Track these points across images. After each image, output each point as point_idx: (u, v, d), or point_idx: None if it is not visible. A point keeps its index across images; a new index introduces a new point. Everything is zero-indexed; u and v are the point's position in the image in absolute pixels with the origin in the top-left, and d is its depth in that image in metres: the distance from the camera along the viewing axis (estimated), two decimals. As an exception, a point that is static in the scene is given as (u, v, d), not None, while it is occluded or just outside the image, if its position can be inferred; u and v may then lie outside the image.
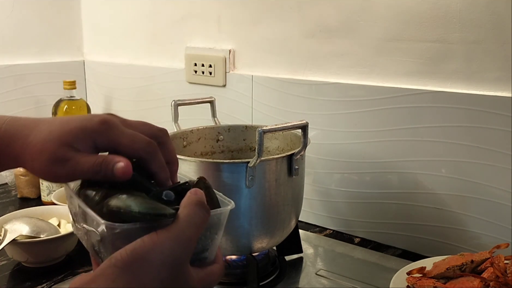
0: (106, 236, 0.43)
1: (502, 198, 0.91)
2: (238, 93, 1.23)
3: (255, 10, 1.19)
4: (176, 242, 0.42)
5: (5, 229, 0.94)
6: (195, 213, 0.44)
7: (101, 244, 0.45)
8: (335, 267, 0.96)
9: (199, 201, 0.45)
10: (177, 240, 0.42)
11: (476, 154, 0.92)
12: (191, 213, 0.44)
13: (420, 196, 1.00)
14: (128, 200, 0.44)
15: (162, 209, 0.44)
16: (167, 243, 0.42)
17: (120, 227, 0.43)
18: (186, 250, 0.43)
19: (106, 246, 0.44)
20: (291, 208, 0.89)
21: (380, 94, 1.01)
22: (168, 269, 0.42)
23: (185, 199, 0.45)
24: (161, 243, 0.42)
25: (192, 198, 0.45)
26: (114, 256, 0.41)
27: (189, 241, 0.43)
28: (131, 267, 0.41)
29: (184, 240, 0.42)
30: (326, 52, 1.09)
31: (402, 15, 0.98)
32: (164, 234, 0.42)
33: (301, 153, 0.86)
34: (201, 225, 0.44)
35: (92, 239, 0.46)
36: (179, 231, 0.42)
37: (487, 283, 0.74)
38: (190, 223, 0.43)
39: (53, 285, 0.91)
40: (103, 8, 1.54)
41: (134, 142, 0.48)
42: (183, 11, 1.33)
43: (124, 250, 0.41)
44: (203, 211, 0.44)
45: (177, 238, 0.42)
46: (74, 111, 1.40)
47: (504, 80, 0.89)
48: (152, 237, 0.42)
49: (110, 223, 0.43)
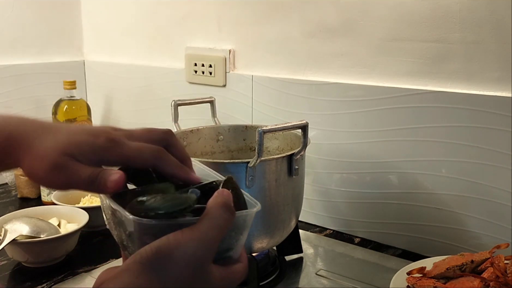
0: (134, 231, 0.45)
1: (502, 198, 0.91)
2: (238, 93, 1.23)
3: (255, 10, 1.19)
4: (199, 243, 0.43)
5: (5, 229, 0.94)
6: (220, 215, 0.45)
7: (129, 239, 0.46)
8: (335, 267, 0.96)
9: (225, 203, 0.45)
10: (200, 240, 0.43)
11: (476, 154, 0.92)
12: (216, 215, 0.45)
13: (420, 196, 1.00)
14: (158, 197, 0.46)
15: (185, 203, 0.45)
16: (191, 243, 0.43)
17: (147, 223, 0.44)
18: (209, 251, 0.44)
19: (133, 241, 0.46)
20: (291, 208, 0.89)
21: (380, 94, 1.01)
22: (190, 269, 0.43)
23: (212, 199, 0.46)
24: (185, 243, 0.42)
25: (218, 199, 0.46)
26: (140, 252, 0.42)
27: (212, 242, 0.44)
28: (155, 265, 0.42)
29: (208, 241, 0.43)
30: (326, 52, 1.09)
31: (402, 15, 0.98)
32: (189, 233, 0.43)
33: (301, 153, 0.86)
34: (226, 227, 0.45)
35: (120, 233, 0.48)
36: (203, 232, 0.43)
37: (487, 283, 0.74)
38: (215, 225, 0.44)
39: (53, 285, 0.90)
40: (103, 8, 1.54)
41: (141, 152, 0.49)
42: (183, 11, 1.33)
43: (149, 247, 0.42)
44: (228, 213, 0.45)
45: (201, 238, 0.43)
46: (74, 111, 1.40)
47: (504, 80, 0.89)
48: (177, 236, 0.43)
49: (138, 218, 0.44)
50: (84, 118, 1.42)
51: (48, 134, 0.50)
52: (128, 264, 0.42)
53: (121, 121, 1.53)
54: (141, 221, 0.44)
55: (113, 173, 0.47)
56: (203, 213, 0.45)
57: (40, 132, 0.51)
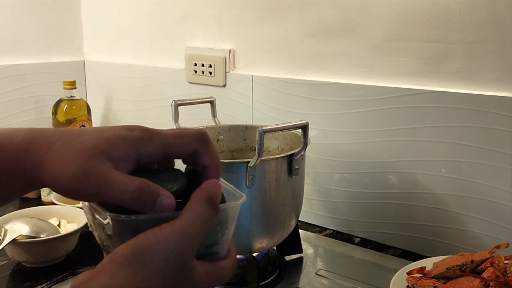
0: (112, 228, 0.43)
1: (502, 198, 0.91)
2: (238, 93, 1.23)
3: (255, 10, 1.19)
4: (180, 238, 0.41)
5: (5, 229, 0.94)
6: (203, 209, 0.42)
7: (109, 238, 0.44)
8: (335, 267, 0.96)
9: (208, 197, 0.43)
10: (181, 236, 0.41)
11: (476, 154, 0.92)
12: (198, 208, 0.42)
13: (420, 196, 1.00)
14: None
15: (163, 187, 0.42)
16: (170, 239, 0.40)
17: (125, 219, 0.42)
18: (190, 247, 0.41)
19: (113, 240, 0.44)
20: (291, 208, 0.89)
21: (380, 94, 1.01)
22: (171, 265, 0.40)
23: (196, 192, 0.44)
24: (164, 238, 0.40)
25: (202, 192, 0.43)
26: (115, 251, 0.40)
27: (194, 237, 0.41)
28: (132, 263, 0.40)
29: (189, 236, 0.41)
30: (326, 52, 1.09)
31: (402, 15, 0.98)
32: (168, 229, 0.41)
33: (301, 153, 0.86)
34: (208, 221, 0.43)
35: (100, 234, 0.46)
36: (184, 226, 0.41)
37: (487, 283, 0.74)
38: (197, 219, 0.42)
39: (53, 285, 0.90)
40: (103, 8, 1.54)
41: (183, 136, 0.45)
42: (183, 11, 1.33)
43: (125, 245, 0.40)
44: (211, 207, 0.43)
45: (182, 233, 0.41)
46: (74, 111, 1.40)
47: (504, 80, 0.89)
48: (155, 232, 0.40)
49: (115, 215, 0.42)
50: (84, 118, 1.42)
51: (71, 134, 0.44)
52: (104, 264, 0.40)
53: (121, 121, 1.53)
54: (118, 217, 0.41)
55: (163, 194, 0.42)
56: (185, 207, 0.43)
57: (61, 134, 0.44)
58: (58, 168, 0.42)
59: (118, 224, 0.42)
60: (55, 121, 1.40)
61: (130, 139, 0.44)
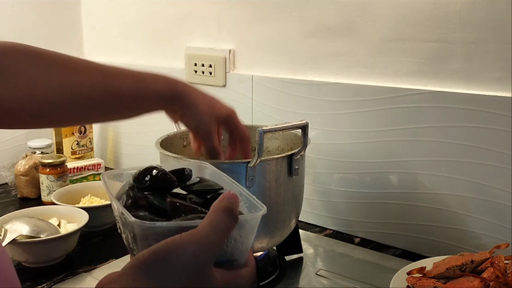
0: (137, 234, 0.45)
1: (502, 198, 0.91)
2: (238, 93, 1.23)
3: (255, 10, 1.19)
4: (198, 247, 0.42)
5: (5, 229, 0.94)
6: (221, 219, 0.44)
7: (134, 242, 0.47)
8: (335, 267, 0.96)
9: (227, 207, 0.45)
10: (199, 244, 0.42)
11: (476, 154, 0.92)
12: (217, 218, 0.44)
13: (420, 196, 1.00)
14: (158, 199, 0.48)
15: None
16: (189, 247, 0.42)
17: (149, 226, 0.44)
18: (208, 255, 0.43)
19: (138, 244, 0.46)
20: (291, 208, 0.89)
21: (380, 94, 1.01)
22: (189, 272, 0.42)
23: (215, 203, 0.46)
24: (183, 246, 0.42)
25: (221, 203, 0.45)
26: (137, 256, 0.42)
27: (213, 246, 0.43)
28: (152, 268, 0.41)
29: (207, 245, 0.43)
30: (326, 52, 1.09)
31: (402, 15, 0.98)
32: (188, 237, 0.42)
33: (301, 153, 0.86)
34: (227, 231, 0.44)
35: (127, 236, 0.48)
36: (202, 235, 0.43)
37: (487, 283, 0.74)
38: (215, 229, 0.43)
39: (53, 285, 0.90)
40: (103, 8, 1.54)
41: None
42: (183, 11, 1.33)
43: (147, 250, 0.42)
44: (230, 217, 0.45)
45: (200, 242, 0.42)
46: (74, 111, 1.40)
47: (504, 80, 0.89)
48: (175, 239, 0.42)
49: (140, 221, 0.44)
50: (84, 118, 1.42)
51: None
52: (126, 268, 0.42)
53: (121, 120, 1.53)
54: (142, 224, 0.44)
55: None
56: (206, 215, 0.45)
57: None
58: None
59: (142, 230, 0.45)
60: (55, 121, 1.40)
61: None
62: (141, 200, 0.51)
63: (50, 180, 1.23)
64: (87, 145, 1.44)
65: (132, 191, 0.52)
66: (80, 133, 1.42)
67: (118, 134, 1.55)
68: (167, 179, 0.53)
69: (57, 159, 1.25)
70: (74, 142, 1.41)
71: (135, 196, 0.52)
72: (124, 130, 1.53)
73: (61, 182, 1.24)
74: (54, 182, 1.23)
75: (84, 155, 1.44)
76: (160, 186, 0.53)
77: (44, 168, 1.24)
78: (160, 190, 0.53)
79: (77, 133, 1.41)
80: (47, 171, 1.23)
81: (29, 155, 1.34)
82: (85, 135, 1.43)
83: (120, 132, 1.54)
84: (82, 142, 1.43)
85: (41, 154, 1.35)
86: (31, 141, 1.39)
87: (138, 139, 1.48)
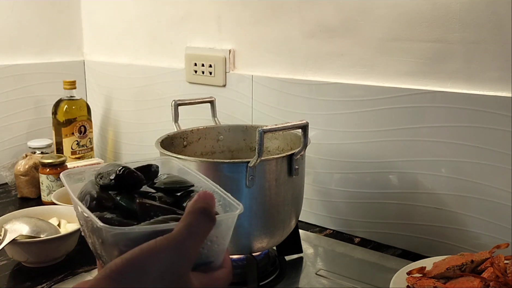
0: (106, 240, 0.42)
1: (502, 198, 0.91)
2: (238, 93, 1.23)
3: (255, 10, 1.19)
4: (175, 252, 0.40)
5: (5, 229, 0.94)
6: (198, 221, 0.41)
7: (102, 247, 0.44)
8: (335, 267, 0.96)
9: (204, 208, 0.42)
10: (176, 250, 0.40)
11: (476, 154, 0.92)
12: (194, 221, 0.41)
13: (420, 196, 1.00)
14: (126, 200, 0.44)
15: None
16: (166, 253, 0.39)
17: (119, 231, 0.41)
18: (186, 261, 0.41)
19: (107, 250, 0.43)
20: (291, 208, 0.89)
21: (380, 94, 1.01)
22: (166, 281, 0.40)
23: (191, 203, 0.43)
24: (159, 253, 0.39)
25: (197, 204, 0.42)
26: (109, 265, 0.39)
27: (190, 251, 0.41)
28: (125, 278, 0.39)
29: (185, 250, 0.40)
30: (326, 52, 1.09)
31: (402, 15, 0.98)
32: (163, 242, 0.40)
33: (301, 153, 0.86)
34: (204, 234, 0.42)
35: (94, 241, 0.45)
36: (179, 240, 0.40)
37: (487, 283, 0.74)
38: (192, 233, 0.41)
39: (53, 285, 0.91)
40: (103, 8, 1.54)
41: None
42: (183, 11, 1.33)
43: (120, 259, 0.39)
44: (207, 219, 0.42)
45: (177, 248, 0.40)
46: (74, 111, 1.40)
47: (504, 80, 0.89)
48: (150, 245, 0.40)
49: (109, 227, 0.41)
50: (84, 118, 1.43)
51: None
52: (98, 279, 0.39)
53: (121, 121, 1.53)
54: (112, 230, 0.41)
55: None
56: (181, 219, 0.41)
57: None
58: None
59: (113, 236, 0.41)
60: (55, 121, 1.40)
61: None
62: (107, 201, 0.48)
63: (50, 180, 1.23)
64: (87, 145, 1.44)
65: (96, 191, 0.49)
66: (80, 133, 1.42)
67: (118, 134, 1.55)
68: (134, 177, 0.49)
69: (57, 159, 1.25)
70: (74, 142, 1.41)
71: (99, 196, 0.48)
72: (124, 130, 1.53)
73: (61, 182, 1.24)
74: (54, 182, 1.23)
75: (84, 155, 1.44)
76: (126, 185, 0.49)
77: (44, 168, 1.24)
78: (126, 189, 0.49)
79: (77, 133, 1.41)
80: (47, 171, 1.23)
81: (29, 155, 1.34)
82: (85, 135, 1.43)
83: (120, 132, 1.54)
84: (82, 142, 1.43)
85: (41, 154, 1.35)
86: (31, 141, 1.39)
87: (138, 139, 1.49)
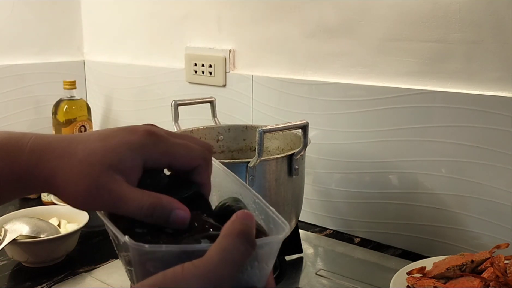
0: (132, 258, 0.38)
1: (502, 198, 0.91)
2: (238, 93, 1.23)
3: (255, 10, 1.19)
4: (204, 282, 0.34)
5: (5, 229, 0.94)
6: (235, 247, 0.35)
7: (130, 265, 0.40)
8: (335, 267, 0.96)
9: (243, 231, 0.36)
10: (205, 279, 0.34)
11: (476, 154, 0.92)
12: (229, 246, 0.35)
13: (420, 196, 1.00)
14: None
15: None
16: (193, 283, 0.34)
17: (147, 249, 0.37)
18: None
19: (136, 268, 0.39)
20: (291, 208, 0.89)
21: (380, 94, 1.01)
22: None
23: (227, 225, 0.37)
24: (185, 282, 0.34)
25: (235, 225, 0.36)
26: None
27: (221, 281, 0.35)
28: None
29: (215, 280, 0.34)
30: (326, 52, 1.09)
31: (402, 15, 0.98)
32: (191, 270, 0.34)
33: (301, 153, 0.86)
34: (241, 261, 0.36)
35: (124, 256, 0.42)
36: (210, 268, 0.34)
37: (487, 283, 0.74)
38: (227, 260, 0.35)
39: (53, 285, 0.90)
40: (103, 8, 1.54)
41: (191, 150, 0.44)
42: (183, 11, 1.33)
43: (141, 284, 0.35)
44: (246, 244, 0.36)
45: (207, 277, 0.34)
46: (74, 111, 1.40)
47: (504, 80, 0.89)
48: (176, 273, 0.34)
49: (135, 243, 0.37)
50: (84, 118, 1.42)
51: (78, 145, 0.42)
52: None
53: (121, 121, 1.53)
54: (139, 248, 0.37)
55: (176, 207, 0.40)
56: (215, 241, 0.36)
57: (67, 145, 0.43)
58: (70, 185, 0.41)
59: (140, 255, 0.37)
60: (55, 121, 1.40)
61: (136, 146, 0.42)
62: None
63: (50, 180, 1.23)
64: (87, 145, 1.44)
65: None
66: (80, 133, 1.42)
67: (118, 134, 1.55)
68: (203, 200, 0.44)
69: (57, 159, 1.24)
70: (74, 142, 1.41)
71: None
72: (124, 130, 1.53)
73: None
74: (54, 182, 1.23)
75: (84, 155, 1.44)
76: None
77: (44, 168, 1.24)
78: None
79: (77, 133, 1.41)
80: (47, 171, 1.23)
81: (29, 155, 1.34)
82: (85, 135, 1.43)
83: (120, 132, 1.54)
84: (82, 142, 1.43)
85: (41, 154, 1.35)
86: (31, 141, 1.39)
87: (138, 139, 1.48)
